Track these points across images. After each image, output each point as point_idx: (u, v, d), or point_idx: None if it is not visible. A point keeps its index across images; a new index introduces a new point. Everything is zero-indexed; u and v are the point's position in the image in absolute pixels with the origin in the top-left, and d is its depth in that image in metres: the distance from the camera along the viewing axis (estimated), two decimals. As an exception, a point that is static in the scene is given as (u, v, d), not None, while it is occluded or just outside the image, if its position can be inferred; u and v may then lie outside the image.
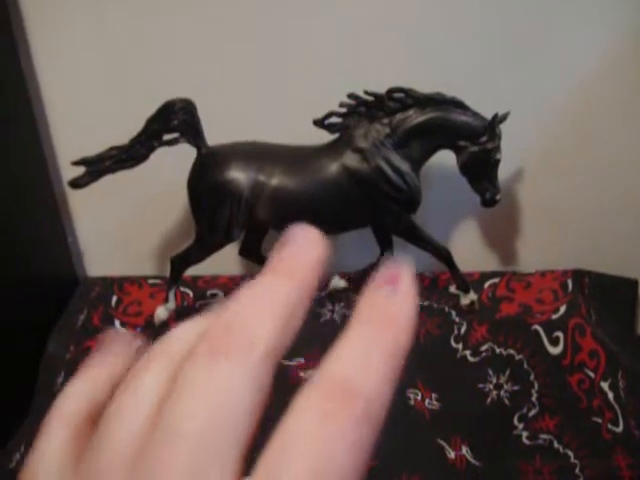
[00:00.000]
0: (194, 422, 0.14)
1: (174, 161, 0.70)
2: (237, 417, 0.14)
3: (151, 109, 0.68)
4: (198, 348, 0.15)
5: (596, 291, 0.79)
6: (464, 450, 0.63)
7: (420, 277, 0.84)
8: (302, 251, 0.17)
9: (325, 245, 0.17)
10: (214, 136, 0.71)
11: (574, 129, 0.80)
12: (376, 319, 0.15)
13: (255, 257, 0.80)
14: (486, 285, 0.81)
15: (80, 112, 0.82)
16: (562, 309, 0.76)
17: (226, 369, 0.14)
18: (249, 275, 0.87)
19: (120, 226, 0.89)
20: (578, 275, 0.80)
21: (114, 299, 0.82)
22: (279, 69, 0.78)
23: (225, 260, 0.83)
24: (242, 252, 0.80)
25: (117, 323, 0.79)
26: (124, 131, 0.68)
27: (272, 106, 0.79)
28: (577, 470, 0.61)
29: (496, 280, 0.82)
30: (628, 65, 0.76)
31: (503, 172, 0.73)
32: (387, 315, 0.15)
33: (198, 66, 0.78)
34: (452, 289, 0.80)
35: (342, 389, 0.14)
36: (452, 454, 0.63)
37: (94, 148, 0.68)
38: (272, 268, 0.16)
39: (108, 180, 0.69)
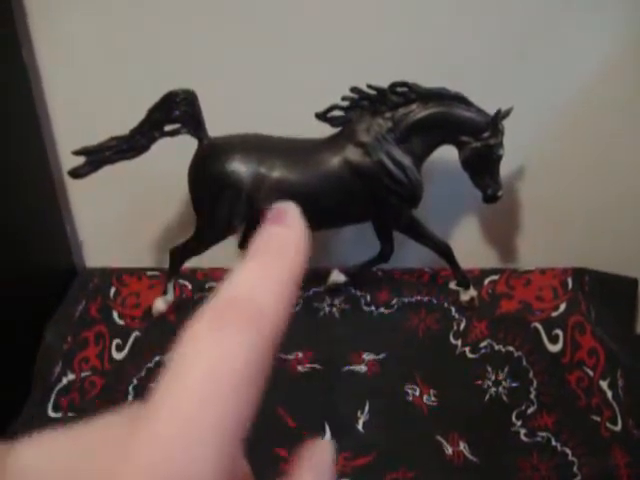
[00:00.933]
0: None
1: (175, 152, 0.69)
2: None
3: (152, 99, 0.68)
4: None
5: (596, 289, 0.79)
6: (462, 446, 0.63)
7: (420, 273, 0.83)
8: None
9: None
10: (216, 128, 0.70)
11: (575, 129, 0.80)
12: (268, 250, 0.16)
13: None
14: (486, 282, 0.81)
15: (81, 102, 0.82)
16: (562, 307, 0.76)
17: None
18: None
19: (119, 217, 0.88)
20: (578, 273, 0.80)
21: (112, 290, 0.82)
22: (282, 61, 0.78)
23: (224, 253, 0.82)
24: (242, 245, 0.80)
25: (115, 314, 0.79)
26: (125, 122, 0.68)
27: (274, 98, 0.79)
28: (575, 468, 0.61)
29: (496, 277, 0.81)
30: (629, 67, 0.76)
31: (505, 170, 0.73)
32: (278, 245, 0.16)
33: (200, 57, 0.78)
34: (452, 285, 0.80)
35: (235, 304, 0.14)
36: (450, 450, 0.63)
37: (94, 139, 0.67)
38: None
39: (108, 171, 0.69)
